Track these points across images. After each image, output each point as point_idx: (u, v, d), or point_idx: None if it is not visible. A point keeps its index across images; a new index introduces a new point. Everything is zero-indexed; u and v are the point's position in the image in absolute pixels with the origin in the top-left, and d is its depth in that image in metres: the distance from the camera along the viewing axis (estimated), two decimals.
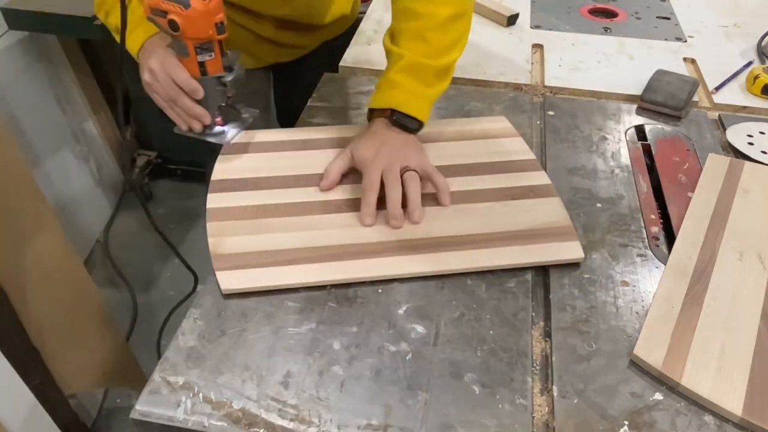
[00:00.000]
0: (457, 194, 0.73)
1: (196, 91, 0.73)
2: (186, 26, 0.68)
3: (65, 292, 1.15)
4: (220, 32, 0.70)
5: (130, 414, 0.52)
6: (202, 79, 0.73)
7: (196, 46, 0.70)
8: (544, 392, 0.55)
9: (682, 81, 0.93)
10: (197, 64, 0.72)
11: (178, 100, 0.74)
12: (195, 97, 0.74)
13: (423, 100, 0.76)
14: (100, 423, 1.39)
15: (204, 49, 0.71)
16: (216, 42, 0.71)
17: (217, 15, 0.69)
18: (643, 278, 0.64)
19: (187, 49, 0.71)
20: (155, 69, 0.73)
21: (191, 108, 0.75)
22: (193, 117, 0.76)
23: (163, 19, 0.68)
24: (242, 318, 0.60)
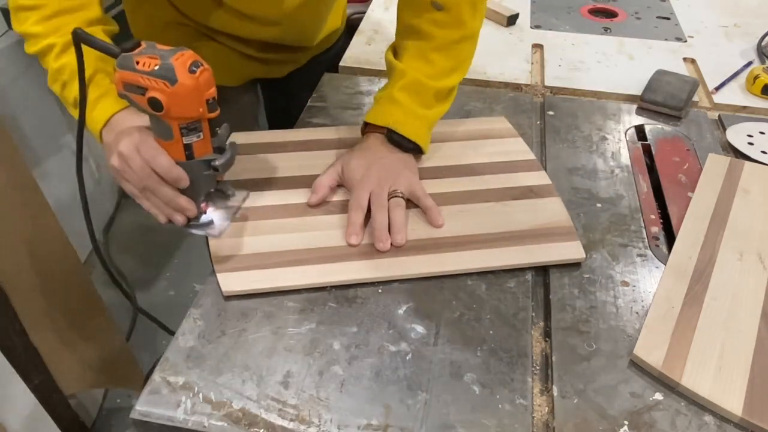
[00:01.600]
0: (458, 195, 0.73)
1: (180, 180, 0.61)
2: (171, 105, 0.56)
3: (65, 292, 1.15)
4: (212, 110, 0.58)
5: (130, 414, 0.52)
6: (188, 163, 0.61)
7: (181, 127, 0.58)
8: (544, 392, 0.55)
9: (682, 81, 0.93)
10: (183, 147, 0.60)
11: (157, 191, 0.61)
12: (179, 186, 0.61)
13: (421, 121, 0.74)
14: (100, 423, 1.39)
15: (191, 130, 0.59)
16: (205, 121, 0.59)
17: (208, 90, 0.57)
18: (643, 278, 0.64)
19: (171, 131, 0.58)
20: (127, 154, 0.60)
21: (173, 199, 0.62)
22: (175, 209, 0.63)
23: (140, 97, 0.56)
24: (242, 318, 0.60)
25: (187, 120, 0.58)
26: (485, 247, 0.66)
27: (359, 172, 0.71)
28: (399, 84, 0.74)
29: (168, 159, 0.60)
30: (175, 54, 0.55)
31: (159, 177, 0.61)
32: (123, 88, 0.58)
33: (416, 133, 0.74)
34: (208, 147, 0.61)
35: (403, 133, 0.73)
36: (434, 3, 0.73)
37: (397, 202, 0.69)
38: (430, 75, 0.74)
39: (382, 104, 0.75)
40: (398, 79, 0.74)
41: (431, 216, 0.69)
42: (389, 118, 0.73)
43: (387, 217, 0.67)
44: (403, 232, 0.67)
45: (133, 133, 0.61)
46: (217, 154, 0.62)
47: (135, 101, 0.58)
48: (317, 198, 0.71)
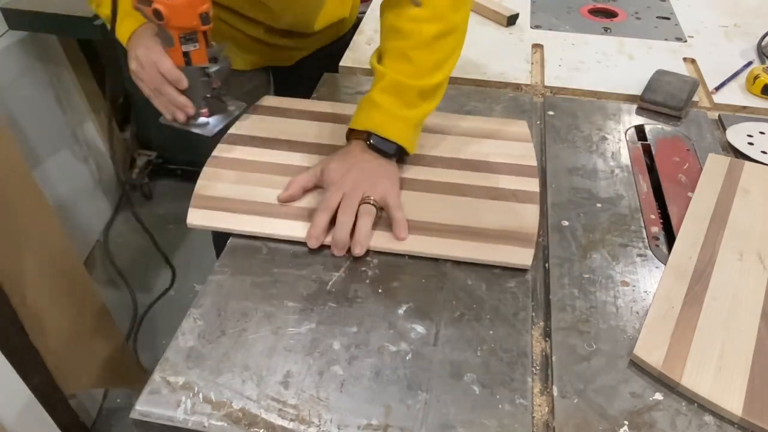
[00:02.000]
0: (440, 185, 0.74)
1: (179, 81, 0.73)
2: (170, 16, 0.67)
3: (65, 292, 1.15)
4: (205, 23, 0.70)
5: (130, 414, 0.52)
6: (186, 68, 0.73)
7: (180, 36, 0.70)
8: (544, 392, 0.55)
9: (682, 81, 0.93)
10: (182, 54, 0.72)
11: (162, 89, 0.74)
12: (179, 86, 0.73)
13: (404, 122, 0.73)
14: (100, 423, 1.39)
15: (188, 40, 0.71)
16: (201, 33, 0.71)
17: (202, 5, 0.68)
18: (643, 278, 0.64)
19: (172, 39, 0.70)
20: (141, 58, 0.73)
21: (175, 97, 0.74)
22: (177, 107, 0.75)
23: (148, 8, 0.68)
24: (242, 318, 0.60)
25: (184, 30, 0.70)
26: (437, 236, 0.67)
27: (337, 175, 0.70)
28: (378, 86, 0.73)
29: (170, 63, 0.72)
30: None
31: (164, 78, 0.73)
32: (137, 1, 0.69)
33: (398, 134, 0.73)
34: (203, 57, 0.73)
35: (384, 135, 0.72)
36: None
37: (366, 209, 0.67)
38: (411, 74, 0.73)
39: (363, 109, 0.74)
40: (378, 81, 0.74)
41: (396, 228, 0.67)
42: (369, 121, 0.73)
43: (352, 221, 0.66)
44: (363, 243, 0.65)
45: (148, 41, 0.73)
46: (212, 63, 0.74)
47: (145, 12, 0.69)
48: (287, 195, 0.71)
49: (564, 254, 0.67)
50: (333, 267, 0.65)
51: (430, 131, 0.82)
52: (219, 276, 0.64)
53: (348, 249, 0.66)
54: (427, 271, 0.65)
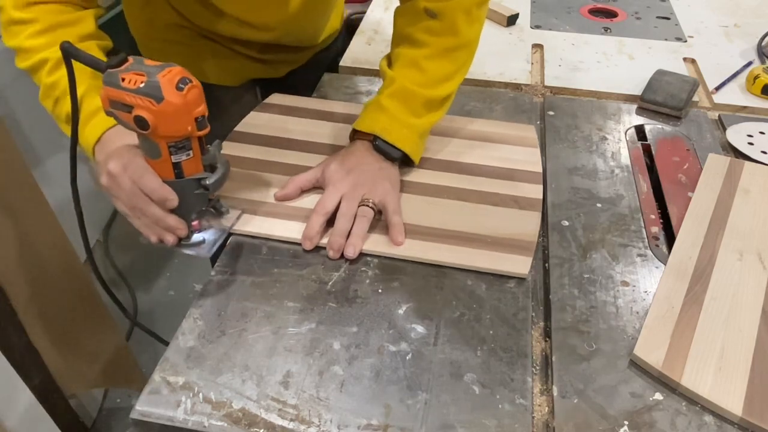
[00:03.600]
0: (441, 188, 0.74)
1: (168, 201, 0.60)
2: (158, 124, 0.54)
3: (65, 292, 1.15)
4: (201, 127, 0.57)
5: (130, 414, 0.52)
6: (178, 182, 0.60)
7: (170, 146, 0.57)
8: (544, 392, 0.55)
9: (682, 81, 0.93)
10: (171, 166, 0.58)
11: (146, 210, 0.60)
12: (167, 207, 0.60)
13: (409, 130, 0.72)
14: (100, 423, 1.39)
15: (180, 148, 0.57)
16: (195, 139, 0.58)
17: (197, 108, 0.55)
18: (643, 278, 0.64)
19: (159, 150, 0.57)
20: (116, 173, 0.60)
21: (162, 219, 0.61)
22: (165, 229, 0.63)
23: (127, 115, 0.54)
24: (242, 318, 0.60)
25: (175, 138, 0.56)
26: (439, 241, 0.66)
27: (337, 176, 0.69)
28: (387, 91, 0.73)
29: (155, 179, 0.59)
30: (163, 70, 0.53)
31: (147, 197, 0.60)
32: (109, 105, 0.55)
33: (403, 141, 0.72)
34: (198, 165, 0.60)
35: (390, 140, 0.71)
36: (428, 11, 0.72)
37: (364, 211, 0.67)
38: (420, 83, 0.72)
39: (370, 111, 0.73)
40: (387, 86, 0.73)
41: (393, 233, 0.66)
42: (376, 125, 0.72)
43: (350, 225, 0.66)
44: (358, 245, 0.65)
45: (123, 151, 0.60)
46: (208, 172, 0.61)
47: (121, 119, 0.56)
48: (283, 194, 0.71)
49: (564, 254, 0.67)
50: (333, 267, 0.65)
51: (436, 134, 0.82)
52: (219, 276, 0.64)
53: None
54: (427, 271, 0.65)
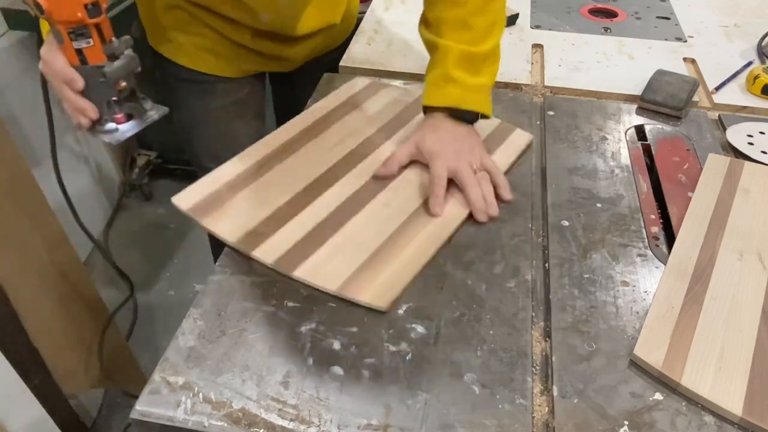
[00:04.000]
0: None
1: (72, 81, 0.66)
2: (50, 8, 0.61)
3: (65, 292, 1.15)
4: (93, 15, 0.62)
5: (130, 414, 0.52)
6: (81, 68, 0.66)
7: (69, 31, 0.63)
8: (544, 392, 0.55)
9: (682, 81, 0.93)
10: (74, 52, 0.65)
11: (61, 92, 0.68)
12: (73, 87, 0.67)
13: (479, 92, 0.78)
14: (100, 423, 1.39)
15: (79, 35, 0.64)
16: (92, 27, 0.64)
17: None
18: (643, 278, 0.64)
19: (61, 35, 0.64)
20: (44, 58, 0.67)
21: (74, 100, 0.68)
22: (77, 111, 0.68)
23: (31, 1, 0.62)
24: (242, 318, 0.60)
25: (71, 24, 0.62)
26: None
27: (438, 147, 0.75)
28: (449, 61, 0.76)
29: (62, 61, 0.66)
30: None
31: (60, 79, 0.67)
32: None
33: (479, 105, 0.78)
34: (99, 54, 0.66)
35: (466, 108, 0.77)
36: None
37: (483, 176, 0.74)
38: (474, 41, 0.76)
39: (440, 85, 0.77)
40: (445, 55, 0.76)
41: (501, 192, 0.74)
42: (448, 99, 0.76)
43: (481, 191, 0.72)
44: (496, 204, 0.72)
45: (49, 40, 0.68)
46: (110, 61, 0.66)
47: (28, 4, 0.62)
48: (385, 170, 0.76)
49: (564, 254, 0.67)
50: None
51: None
52: (219, 276, 0.64)
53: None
54: (427, 271, 0.65)
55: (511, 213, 0.73)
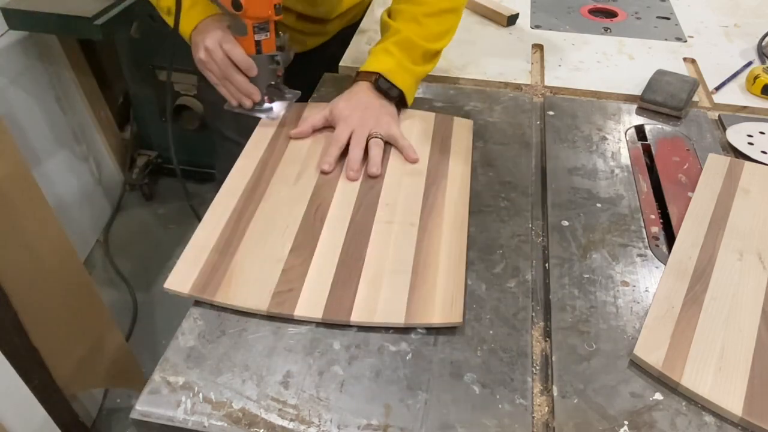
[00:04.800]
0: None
1: (250, 69, 0.78)
2: (248, 6, 0.72)
3: (65, 292, 1.15)
4: (278, 13, 0.75)
5: (130, 414, 0.52)
6: (257, 57, 0.78)
7: (254, 26, 0.75)
8: (544, 392, 0.55)
9: (682, 81, 0.93)
10: (254, 43, 0.77)
11: (232, 78, 0.79)
12: (249, 74, 0.79)
13: (409, 74, 0.84)
14: (100, 423, 1.39)
15: (261, 29, 0.76)
16: (272, 22, 0.76)
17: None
18: (643, 278, 0.64)
19: (246, 29, 0.75)
20: (211, 47, 0.77)
21: (244, 85, 0.79)
22: (245, 94, 0.81)
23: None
24: (242, 318, 0.60)
25: (259, 20, 0.75)
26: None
27: (346, 112, 0.80)
28: (393, 39, 0.83)
29: (242, 51, 0.77)
30: None
31: (235, 66, 0.78)
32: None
33: (403, 83, 0.83)
34: (272, 45, 0.79)
35: (393, 80, 0.82)
36: None
37: (375, 141, 0.78)
38: (421, 36, 0.83)
39: (377, 55, 0.84)
40: (392, 35, 0.84)
41: (405, 154, 0.79)
42: (382, 65, 0.82)
43: (362, 153, 0.77)
44: (378, 165, 0.76)
45: (217, 31, 0.78)
46: (279, 51, 0.80)
47: (221, 3, 0.74)
48: (298, 131, 0.81)
49: (564, 254, 0.67)
50: None
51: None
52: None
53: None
54: None
55: (511, 213, 0.73)
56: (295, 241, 0.66)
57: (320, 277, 0.62)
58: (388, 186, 0.74)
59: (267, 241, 0.67)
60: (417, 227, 0.68)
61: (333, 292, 0.61)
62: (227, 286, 0.61)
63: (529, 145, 0.84)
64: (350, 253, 0.65)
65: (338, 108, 0.81)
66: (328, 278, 0.62)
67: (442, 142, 0.82)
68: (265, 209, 0.71)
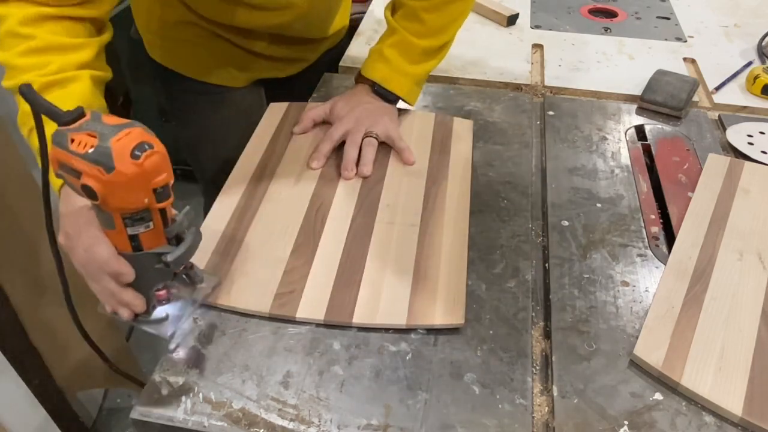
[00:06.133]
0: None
1: (121, 276, 0.53)
2: (107, 195, 0.46)
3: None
4: (162, 198, 0.49)
5: (130, 414, 0.52)
6: (135, 255, 0.52)
7: (125, 217, 0.49)
8: (544, 392, 0.55)
9: (682, 81, 0.93)
10: (128, 238, 0.51)
11: (99, 281, 0.54)
12: (120, 282, 0.53)
13: (406, 78, 0.82)
14: (100, 423, 1.39)
15: (138, 220, 0.50)
16: (155, 210, 0.50)
17: (157, 177, 0.48)
18: (643, 278, 0.64)
19: (113, 221, 0.50)
20: (72, 235, 0.55)
21: (117, 293, 0.54)
22: (120, 303, 0.55)
23: (76, 180, 0.47)
24: (242, 318, 0.60)
25: (129, 211, 0.49)
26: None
27: (344, 111, 0.80)
28: (389, 41, 0.81)
29: (108, 251, 0.52)
30: (118, 133, 0.45)
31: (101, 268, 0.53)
32: (58, 167, 0.48)
33: (400, 88, 0.82)
34: (160, 238, 0.52)
35: (388, 88, 0.81)
36: None
37: (369, 141, 0.77)
38: (420, 34, 0.80)
39: (373, 59, 0.83)
40: (389, 35, 0.82)
41: (404, 156, 0.78)
42: (376, 73, 0.81)
43: (356, 153, 0.76)
44: (370, 165, 0.75)
45: (80, 214, 0.54)
46: (173, 245, 0.53)
47: (71, 183, 0.49)
48: (300, 128, 0.81)
49: (564, 254, 0.67)
50: None
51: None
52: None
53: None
54: None
55: (511, 213, 0.73)
56: (296, 242, 0.66)
57: (321, 279, 0.62)
58: (388, 187, 0.74)
59: (268, 242, 0.66)
60: (418, 228, 0.68)
61: (334, 293, 0.61)
62: (228, 289, 0.61)
63: (529, 145, 0.84)
64: (351, 255, 0.65)
65: (337, 107, 0.81)
66: (330, 279, 0.62)
67: (442, 142, 0.82)
68: (265, 210, 0.71)
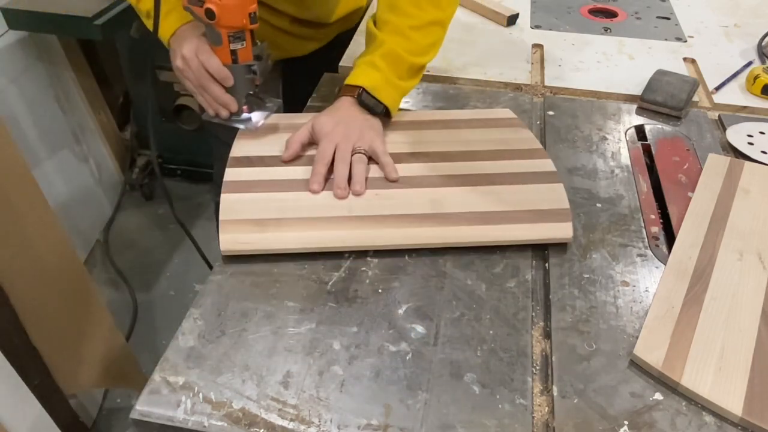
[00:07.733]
0: (452, 178, 0.75)
1: (226, 79, 0.76)
2: (222, 15, 0.70)
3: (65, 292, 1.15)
4: (253, 22, 0.72)
5: (130, 414, 0.52)
6: (233, 66, 0.76)
7: (229, 35, 0.73)
8: (544, 392, 0.55)
9: (682, 81, 0.93)
10: (229, 53, 0.75)
11: (208, 87, 0.77)
12: (225, 84, 0.76)
13: (394, 89, 0.81)
14: (100, 423, 1.39)
15: (236, 38, 0.74)
16: (248, 31, 0.74)
17: (251, 5, 0.71)
18: (643, 278, 0.64)
19: (221, 38, 0.73)
20: (188, 56, 0.76)
21: (220, 95, 0.77)
22: (221, 104, 0.78)
23: (199, 8, 0.71)
24: (242, 318, 0.60)
25: (233, 29, 0.72)
26: (482, 223, 0.68)
27: (328, 128, 0.77)
28: (379, 52, 0.80)
29: (217, 61, 0.75)
30: None
31: (210, 76, 0.76)
32: (187, 1, 0.72)
33: (389, 99, 0.80)
34: (249, 54, 0.76)
35: (378, 96, 0.79)
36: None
37: (359, 157, 0.75)
38: (407, 50, 0.80)
39: (363, 68, 0.80)
40: (378, 47, 0.80)
41: (386, 171, 0.75)
42: (367, 80, 0.79)
43: (347, 169, 0.74)
44: (362, 183, 0.73)
45: (194, 40, 0.76)
46: (256, 61, 0.77)
47: (195, 12, 0.72)
48: (289, 154, 0.77)
49: (564, 254, 0.67)
50: (333, 267, 0.65)
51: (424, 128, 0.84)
52: (219, 276, 0.64)
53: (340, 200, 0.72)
54: (427, 271, 0.65)
55: None
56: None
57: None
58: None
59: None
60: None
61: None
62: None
63: None
64: None
65: (320, 122, 0.78)
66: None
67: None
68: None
